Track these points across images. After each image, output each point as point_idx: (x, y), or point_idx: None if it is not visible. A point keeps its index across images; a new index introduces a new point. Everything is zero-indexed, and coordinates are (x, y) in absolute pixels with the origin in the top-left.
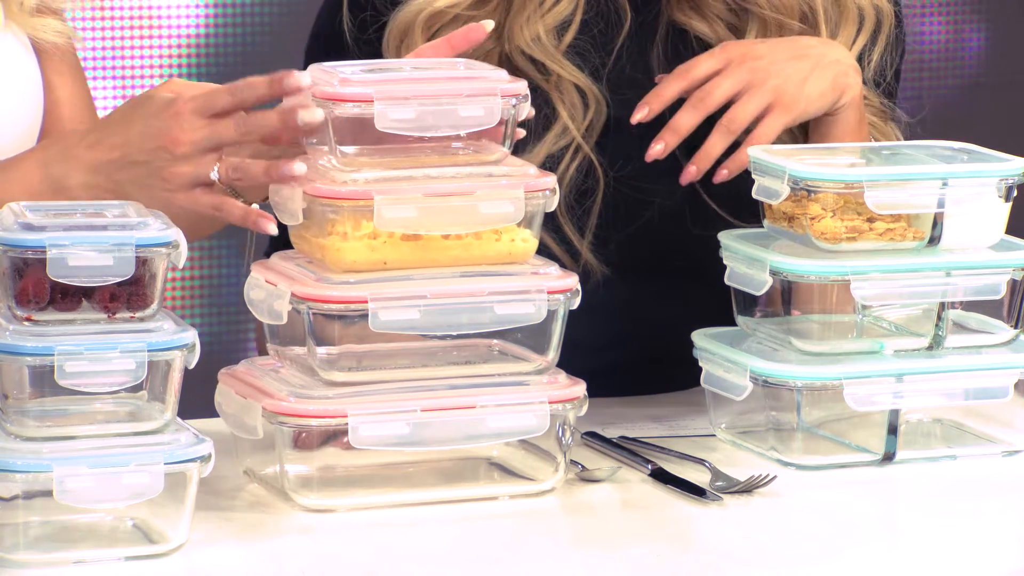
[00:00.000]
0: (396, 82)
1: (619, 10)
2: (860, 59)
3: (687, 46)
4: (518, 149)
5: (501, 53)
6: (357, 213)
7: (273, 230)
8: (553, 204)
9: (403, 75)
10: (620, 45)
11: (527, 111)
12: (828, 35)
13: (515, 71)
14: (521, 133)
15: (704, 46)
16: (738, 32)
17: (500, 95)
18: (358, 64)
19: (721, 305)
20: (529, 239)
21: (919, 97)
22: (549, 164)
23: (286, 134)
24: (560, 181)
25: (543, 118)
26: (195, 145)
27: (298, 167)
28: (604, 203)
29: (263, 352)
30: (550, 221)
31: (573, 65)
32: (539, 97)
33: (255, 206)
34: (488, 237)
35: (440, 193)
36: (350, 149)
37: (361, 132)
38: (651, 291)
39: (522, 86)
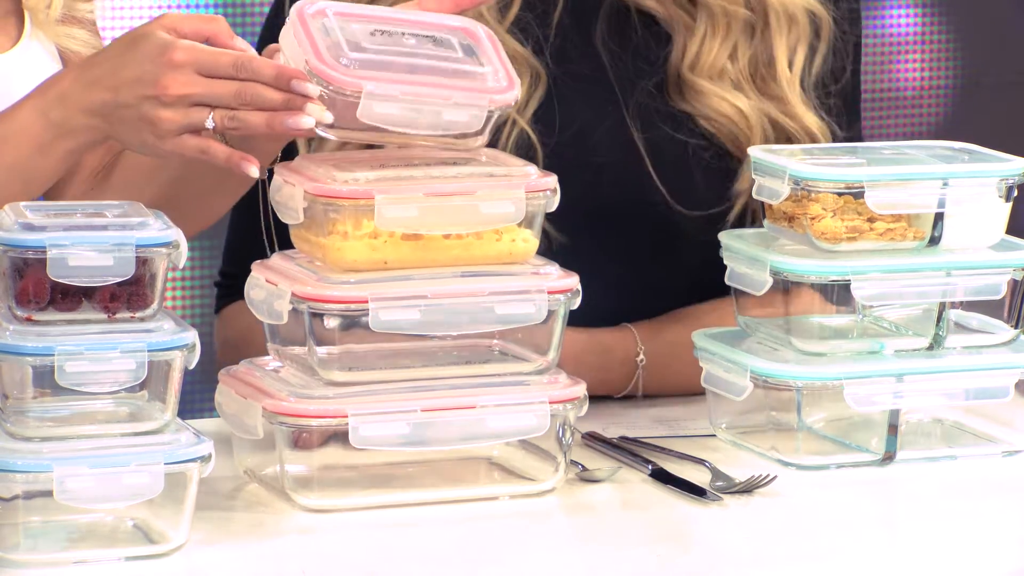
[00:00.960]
0: (389, 78)
1: None
2: (803, 68)
3: (633, 23)
4: None
5: None
6: (358, 212)
7: (255, 172)
8: (554, 204)
9: (397, 68)
10: (558, 21)
11: (511, 108)
12: (776, 30)
13: None
14: None
15: (649, 21)
16: (686, 10)
17: (488, 104)
18: (364, 21)
19: (688, 270)
20: (530, 239)
21: (919, 98)
22: (491, 137)
23: (286, 110)
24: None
25: None
26: (188, 98)
27: (305, 121)
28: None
29: (225, 359)
30: None
31: (514, 39)
32: None
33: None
34: (489, 237)
35: (441, 193)
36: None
37: (346, 110)
38: (613, 261)
39: (513, 96)
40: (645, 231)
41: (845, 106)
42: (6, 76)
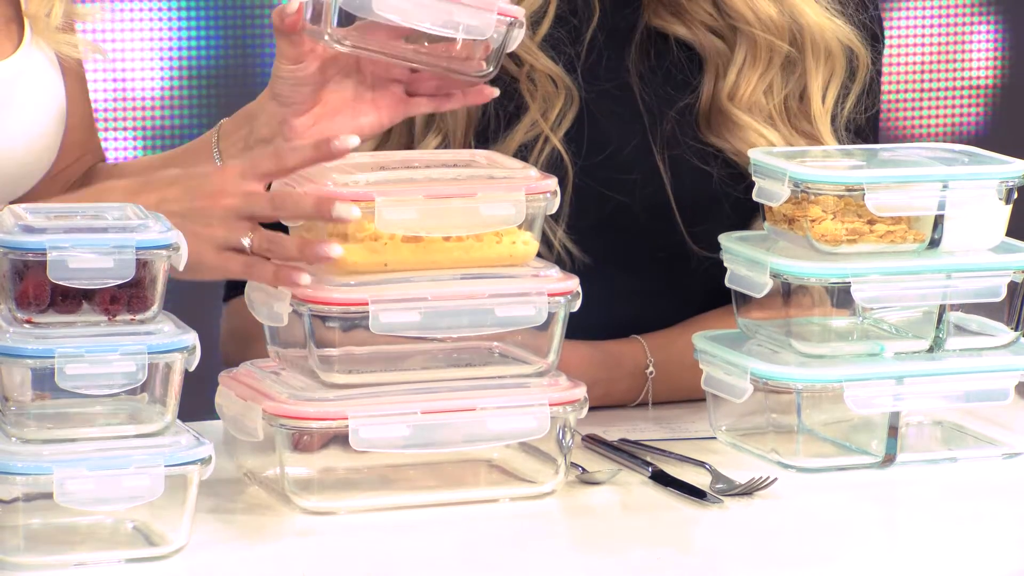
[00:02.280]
0: None
1: (589, 4)
2: (835, 103)
3: (668, 48)
4: (490, 139)
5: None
6: (370, 211)
7: (306, 280)
8: (554, 206)
9: None
10: (591, 38)
11: (519, 38)
12: (812, 65)
13: None
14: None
15: (683, 47)
16: (719, 35)
17: (496, 12)
18: None
19: (708, 295)
20: (530, 241)
21: (919, 99)
22: (521, 154)
23: (317, 220)
24: None
25: (515, 108)
26: (229, 210)
27: (334, 250)
28: (576, 193)
29: (228, 361)
30: None
31: (547, 56)
32: (513, 87)
33: None
34: (489, 239)
35: (441, 195)
36: (342, 31)
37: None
38: (634, 284)
39: (519, 10)
40: (666, 253)
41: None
42: (7, 82)
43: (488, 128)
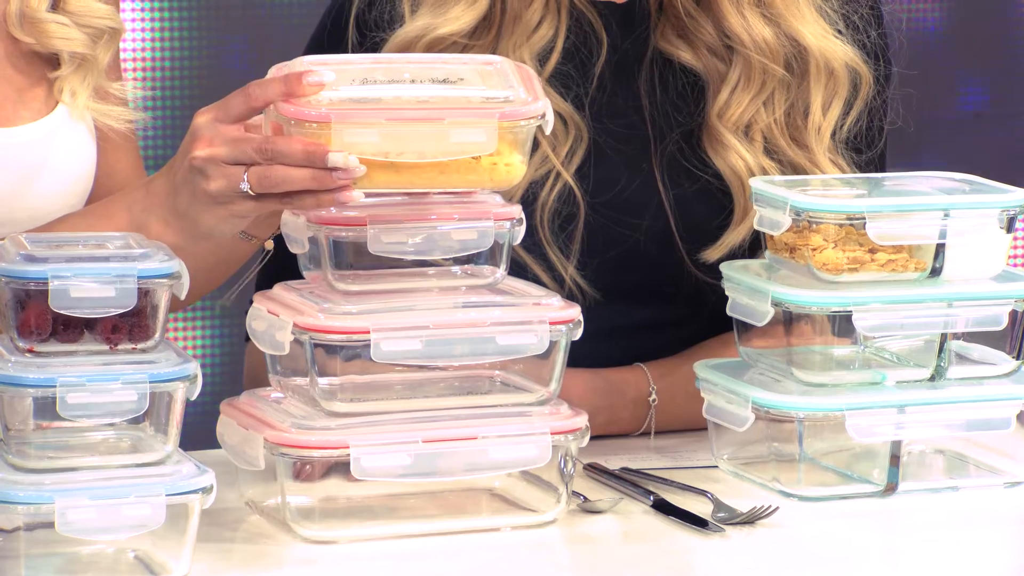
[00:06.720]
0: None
1: (598, 38)
2: (835, 122)
3: (674, 74)
4: None
5: None
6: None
7: (359, 195)
8: (548, 127)
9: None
10: (600, 73)
11: (522, 232)
12: (813, 90)
13: None
14: None
15: (690, 75)
16: (724, 63)
17: (493, 219)
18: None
19: (715, 331)
20: (515, 164)
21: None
22: (532, 190)
23: (292, 98)
24: (542, 207)
25: None
26: (215, 159)
27: (356, 194)
28: (587, 229)
29: (250, 385)
30: (536, 248)
31: (556, 93)
32: None
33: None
34: (466, 160)
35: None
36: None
37: None
38: (642, 319)
39: (516, 208)
40: (674, 287)
41: (878, 170)
42: (41, 141)
43: None
